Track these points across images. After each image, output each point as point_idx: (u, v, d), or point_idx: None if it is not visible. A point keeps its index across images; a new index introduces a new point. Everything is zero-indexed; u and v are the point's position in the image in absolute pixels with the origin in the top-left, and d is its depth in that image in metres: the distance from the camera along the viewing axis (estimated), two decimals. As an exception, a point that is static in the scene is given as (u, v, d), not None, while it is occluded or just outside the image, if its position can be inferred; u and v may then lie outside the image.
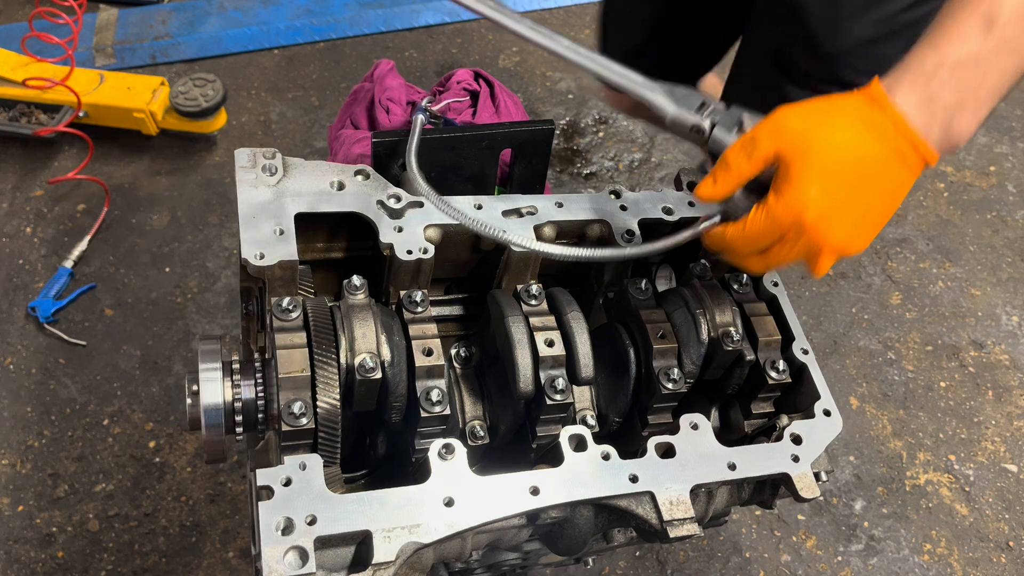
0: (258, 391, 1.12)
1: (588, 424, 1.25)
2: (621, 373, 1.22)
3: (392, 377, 1.08)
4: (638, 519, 1.08)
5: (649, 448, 1.11)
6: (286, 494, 0.96)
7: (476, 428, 1.24)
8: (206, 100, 3.24)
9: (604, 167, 3.52)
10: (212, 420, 1.10)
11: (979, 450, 2.76)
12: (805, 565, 2.50)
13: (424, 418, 1.07)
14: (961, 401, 2.88)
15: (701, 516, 1.23)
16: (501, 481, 1.03)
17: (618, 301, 1.30)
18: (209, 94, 3.26)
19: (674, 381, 1.17)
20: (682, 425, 1.14)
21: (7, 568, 2.35)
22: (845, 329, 3.04)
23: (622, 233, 1.27)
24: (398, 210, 1.19)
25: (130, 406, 2.68)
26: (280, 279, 1.13)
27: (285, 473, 0.97)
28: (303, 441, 1.03)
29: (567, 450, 1.08)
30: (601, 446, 1.09)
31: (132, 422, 2.64)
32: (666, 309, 1.23)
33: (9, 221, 3.14)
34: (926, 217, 3.42)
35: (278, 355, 1.03)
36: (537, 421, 1.16)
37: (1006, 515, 2.63)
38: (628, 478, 1.07)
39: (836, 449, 2.72)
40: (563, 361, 1.15)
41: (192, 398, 1.11)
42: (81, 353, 2.79)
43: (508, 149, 1.42)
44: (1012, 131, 3.76)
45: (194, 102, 3.24)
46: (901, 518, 2.60)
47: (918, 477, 2.69)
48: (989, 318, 3.10)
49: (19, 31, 3.57)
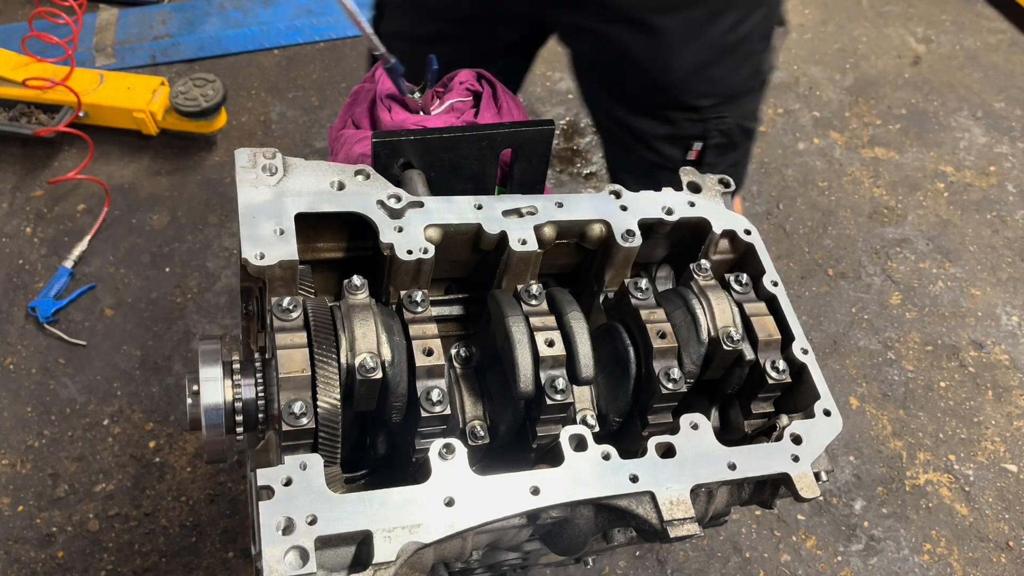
0: (258, 391, 1.12)
1: (588, 424, 1.25)
2: (621, 373, 1.22)
3: (392, 377, 1.08)
4: (638, 519, 1.08)
5: (649, 448, 1.11)
6: (287, 494, 0.96)
7: (476, 428, 1.24)
8: (206, 100, 3.24)
9: (604, 167, 3.52)
10: (212, 420, 1.10)
11: (979, 450, 2.77)
12: (805, 565, 2.50)
13: (424, 418, 1.07)
14: (961, 401, 2.88)
15: (701, 516, 1.23)
16: (501, 481, 1.03)
17: (618, 301, 1.30)
18: (209, 94, 3.26)
19: (674, 381, 1.17)
20: (682, 425, 1.14)
21: (7, 568, 2.35)
22: (845, 329, 3.04)
23: (622, 233, 1.27)
24: (398, 210, 1.19)
25: (130, 406, 2.68)
26: (280, 279, 1.13)
27: (285, 473, 0.97)
28: (303, 441, 1.03)
29: (567, 450, 1.08)
30: (601, 446, 1.09)
31: (132, 422, 2.65)
32: (666, 309, 1.23)
33: (9, 221, 3.14)
34: (926, 217, 3.43)
35: (278, 355, 1.03)
36: (537, 421, 1.16)
37: (1006, 515, 2.63)
38: (628, 478, 1.07)
39: (836, 449, 2.72)
40: (563, 361, 1.15)
41: (192, 398, 1.11)
42: (81, 353, 2.79)
43: (508, 149, 1.42)
44: (1012, 131, 3.77)
45: (194, 102, 3.24)
46: (901, 518, 2.60)
47: (918, 477, 2.69)
48: (989, 318, 3.10)
49: (19, 31, 3.57)
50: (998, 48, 4.18)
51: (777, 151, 3.62)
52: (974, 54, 4.13)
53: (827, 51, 4.10)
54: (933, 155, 3.66)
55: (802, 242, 3.30)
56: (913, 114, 3.82)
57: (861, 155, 3.63)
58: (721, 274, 1.30)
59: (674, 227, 1.33)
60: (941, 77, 4.00)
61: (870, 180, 3.54)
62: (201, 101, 3.24)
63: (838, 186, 3.51)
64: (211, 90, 3.27)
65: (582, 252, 1.36)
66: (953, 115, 3.83)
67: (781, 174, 3.53)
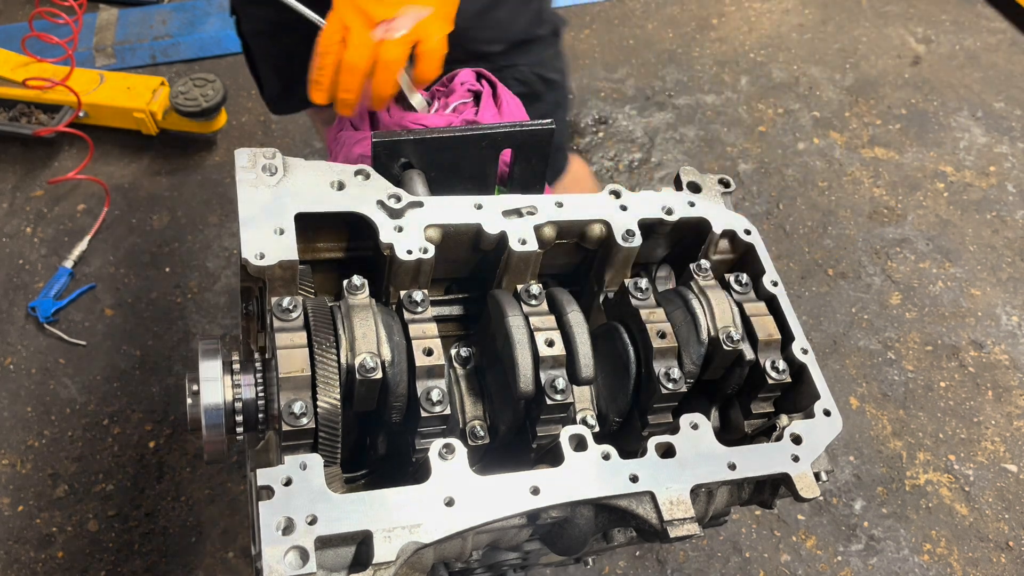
0: (258, 391, 1.12)
1: (588, 424, 1.25)
2: (621, 373, 1.22)
3: (392, 377, 1.08)
4: (638, 519, 1.08)
5: (649, 448, 1.11)
6: (286, 494, 0.96)
7: (476, 428, 1.24)
8: (206, 100, 3.24)
9: (604, 167, 3.53)
10: (212, 420, 1.10)
11: (979, 450, 2.77)
12: (805, 565, 2.50)
13: (424, 418, 1.08)
14: (961, 401, 2.88)
15: (701, 516, 1.23)
16: (501, 481, 1.03)
17: (618, 301, 1.30)
18: (209, 94, 3.26)
19: (674, 381, 1.17)
20: (682, 425, 1.14)
21: (7, 568, 2.35)
22: (845, 329, 3.05)
23: (622, 233, 1.27)
24: (398, 210, 1.19)
25: (130, 406, 2.68)
26: (280, 279, 1.13)
27: (285, 473, 0.97)
28: (303, 441, 1.03)
29: (567, 450, 1.08)
30: (601, 446, 1.09)
31: (132, 422, 2.65)
32: (666, 309, 1.23)
33: (9, 221, 3.14)
34: (926, 217, 3.43)
35: (278, 355, 1.03)
36: (537, 421, 1.16)
37: (1006, 515, 2.63)
38: (628, 478, 1.07)
39: (836, 449, 2.72)
40: (563, 361, 1.15)
41: (192, 398, 1.11)
42: (81, 353, 2.79)
43: (508, 149, 1.42)
44: (1012, 131, 3.77)
45: (194, 102, 3.24)
46: (901, 518, 2.60)
47: (918, 477, 2.69)
48: (989, 318, 3.10)
49: (19, 31, 3.57)
50: (998, 48, 4.18)
51: (777, 151, 3.62)
52: (974, 54, 4.13)
53: (827, 51, 4.10)
54: (933, 155, 3.66)
55: (802, 242, 3.30)
56: (913, 114, 3.82)
57: (861, 155, 3.64)
58: (721, 274, 1.30)
59: (674, 227, 1.33)
60: (941, 77, 4.01)
61: (870, 180, 3.55)
62: (201, 101, 3.24)
63: (838, 186, 3.51)
64: (211, 90, 3.27)
65: (582, 252, 1.36)
66: (953, 115, 3.83)
67: (781, 174, 3.53)
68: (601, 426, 1.27)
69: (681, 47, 4.05)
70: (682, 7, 4.25)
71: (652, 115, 3.72)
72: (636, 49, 4.02)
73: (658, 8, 4.24)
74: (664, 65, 3.94)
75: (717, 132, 3.66)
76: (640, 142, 3.62)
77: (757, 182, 3.49)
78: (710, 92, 3.83)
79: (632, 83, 3.85)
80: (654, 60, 3.97)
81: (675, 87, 3.84)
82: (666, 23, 4.16)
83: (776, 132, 3.70)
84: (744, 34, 4.14)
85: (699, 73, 3.92)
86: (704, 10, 4.25)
